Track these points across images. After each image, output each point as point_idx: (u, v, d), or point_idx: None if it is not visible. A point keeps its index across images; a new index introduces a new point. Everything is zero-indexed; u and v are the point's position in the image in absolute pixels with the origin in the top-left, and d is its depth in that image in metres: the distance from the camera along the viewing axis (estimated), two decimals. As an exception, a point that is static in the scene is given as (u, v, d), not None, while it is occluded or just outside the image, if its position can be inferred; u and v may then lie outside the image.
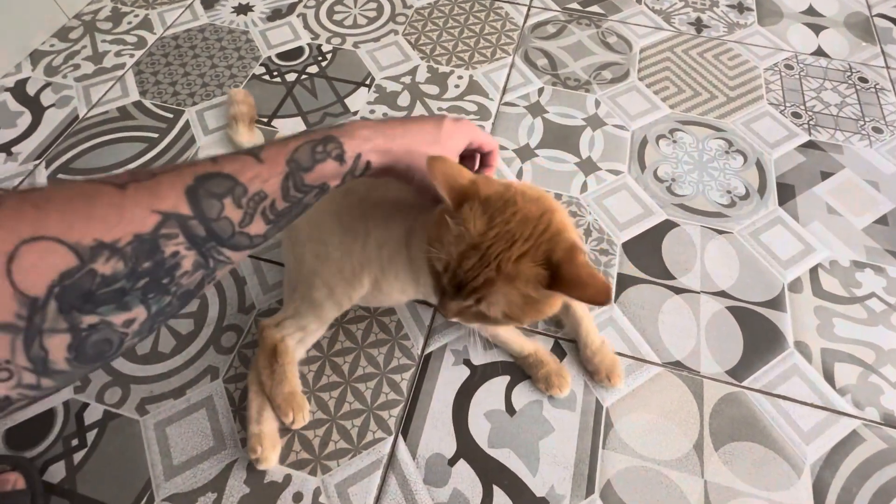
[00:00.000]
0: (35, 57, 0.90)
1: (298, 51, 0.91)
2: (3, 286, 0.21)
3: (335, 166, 0.33)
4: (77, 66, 0.89)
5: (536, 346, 0.58)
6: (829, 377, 0.58)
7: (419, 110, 0.82)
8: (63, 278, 0.22)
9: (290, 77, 0.87)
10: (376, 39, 0.93)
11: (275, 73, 0.88)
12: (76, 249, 0.22)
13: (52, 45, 0.92)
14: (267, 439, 0.52)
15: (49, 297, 0.22)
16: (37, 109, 0.83)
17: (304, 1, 1.00)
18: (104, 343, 0.24)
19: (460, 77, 0.87)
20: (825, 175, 0.76)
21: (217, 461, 0.53)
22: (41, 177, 0.75)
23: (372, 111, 0.82)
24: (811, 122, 0.82)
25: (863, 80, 0.87)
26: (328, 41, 0.93)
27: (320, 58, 0.90)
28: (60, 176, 0.75)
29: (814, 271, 0.66)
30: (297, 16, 0.97)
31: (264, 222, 0.30)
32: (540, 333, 0.62)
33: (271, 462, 0.52)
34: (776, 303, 0.64)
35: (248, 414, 0.53)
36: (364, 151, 0.35)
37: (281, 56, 0.90)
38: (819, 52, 0.92)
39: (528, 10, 0.99)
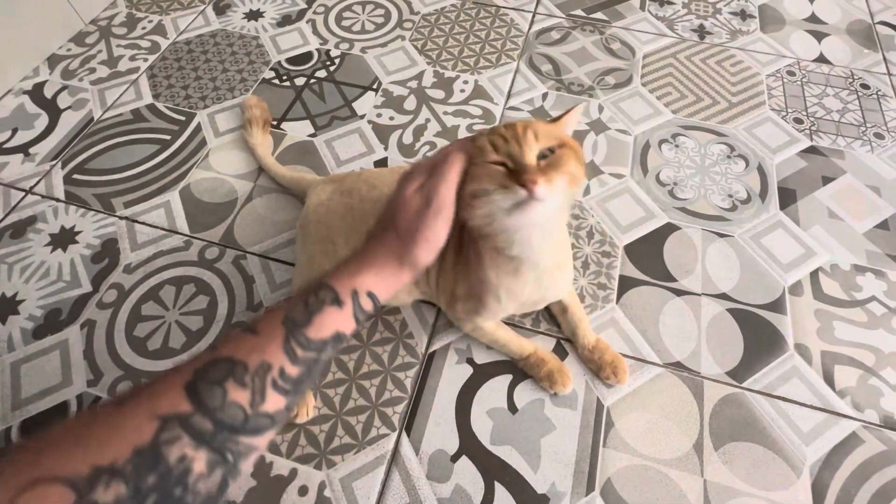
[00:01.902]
0: (52, 61, 0.93)
1: (307, 55, 0.93)
2: None
3: (336, 312, 0.31)
4: (93, 70, 0.91)
5: (536, 346, 0.59)
6: (829, 379, 0.59)
7: (425, 114, 0.84)
8: None
9: (300, 81, 0.89)
10: (383, 45, 0.95)
11: (284, 78, 0.90)
12: (73, 483, 0.21)
13: (68, 50, 0.94)
14: None
15: None
16: (54, 112, 0.85)
17: (313, 7, 1.02)
18: None
19: (466, 82, 0.89)
20: (826, 180, 0.76)
21: (225, 454, 0.55)
22: (57, 177, 0.77)
23: (379, 115, 0.84)
24: (813, 128, 0.82)
25: (864, 86, 0.88)
26: (336, 46, 0.95)
27: (329, 62, 0.92)
28: (76, 177, 0.77)
29: (814, 275, 0.67)
30: (307, 21, 0.99)
31: (281, 395, 0.27)
32: (541, 333, 0.63)
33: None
34: (777, 305, 0.64)
35: None
36: (358, 285, 0.32)
37: (290, 61, 0.92)
38: (821, 59, 0.93)
39: (533, 16, 1.00)
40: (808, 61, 0.92)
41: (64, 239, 0.71)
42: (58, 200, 0.75)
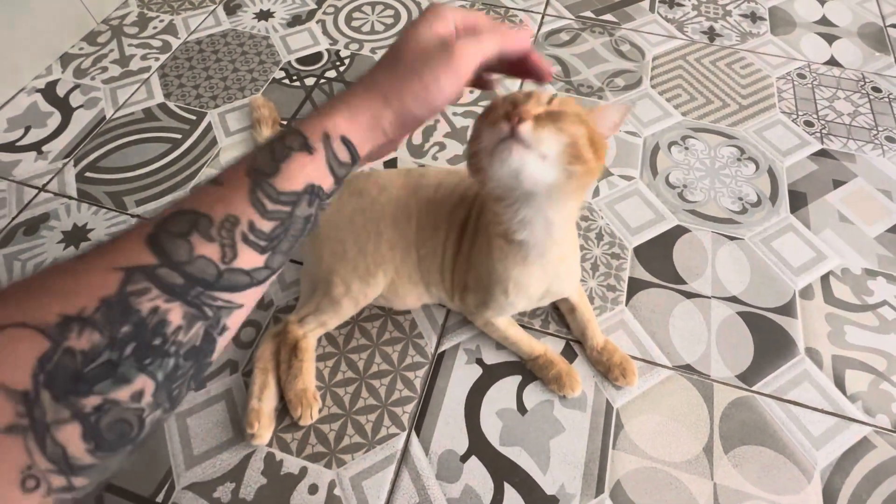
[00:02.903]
0: (65, 60, 0.93)
1: (317, 56, 0.94)
2: None
3: (305, 159, 0.27)
4: (105, 69, 0.92)
5: (546, 348, 0.59)
6: (840, 384, 0.59)
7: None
8: (43, 363, 0.20)
9: (309, 81, 0.90)
10: (393, 45, 0.95)
11: (294, 78, 0.90)
12: (43, 330, 0.20)
13: (81, 49, 0.95)
14: (265, 417, 0.54)
15: (38, 387, 0.20)
16: (66, 110, 0.86)
17: (323, 7, 1.03)
18: (120, 424, 0.22)
19: (475, 83, 0.89)
20: (837, 183, 0.76)
21: (235, 452, 0.55)
22: (69, 175, 0.78)
23: (388, 115, 0.84)
24: (824, 131, 0.82)
25: (876, 89, 0.88)
26: (346, 47, 0.95)
27: (338, 63, 0.92)
28: (88, 175, 0.78)
29: (825, 279, 0.67)
30: (317, 22, 1.00)
31: (256, 251, 0.25)
32: (550, 334, 0.63)
33: (264, 439, 0.54)
34: (787, 309, 0.64)
35: (251, 389, 0.55)
36: (330, 128, 0.27)
37: (300, 61, 0.93)
38: (832, 62, 0.92)
39: (542, 18, 1.00)
40: (818, 64, 0.92)
41: (76, 236, 0.72)
42: (70, 198, 0.76)
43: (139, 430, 0.22)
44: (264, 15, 1.01)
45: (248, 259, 0.25)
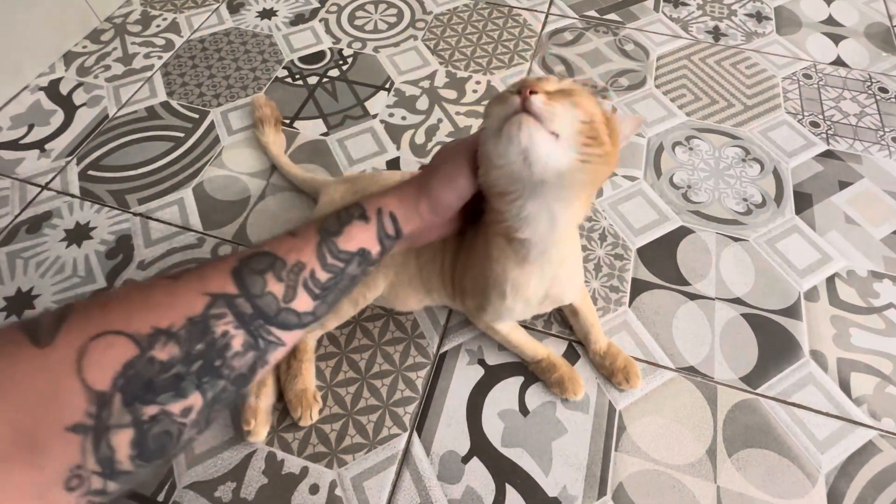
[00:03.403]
0: (68, 58, 0.93)
1: (320, 54, 0.93)
2: (73, 385, 0.21)
3: (362, 226, 0.34)
4: (108, 67, 0.92)
5: (549, 351, 0.59)
6: (846, 387, 0.58)
7: (437, 114, 0.84)
8: (126, 368, 0.22)
9: (312, 80, 0.89)
10: (396, 44, 0.95)
11: (297, 76, 0.90)
12: (135, 338, 0.23)
13: (84, 47, 0.95)
14: (261, 414, 0.54)
15: (114, 390, 0.22)
16: (69, 108, 0.86)
17: (326, 6, 1.02)
18: (165, 436, 0.24)
19: (478, 82, 0.88)
20: (843, 185, 0.75)
21: (237, 451, 0.55)
22: (72, 173, 0.78)
23: (391, 114, 0.84)
24: (829, 132, 0.81)
25: (883, 90, 0.87)
26: (349, 45, 0.95)
27: (341, 61, 0.92)
28: (91, 173, 0.78)
29: (830, 281, 0.66)
30: (320, 21, 1.00)
31: (310, 297, 0.30)
32: (553, 335, 0.62)
33: (261, 436, 0.54)
34: (792, 311, 0.63)
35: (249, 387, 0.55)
36: (383, 205, 0.36)
37: (303, 59, 0.93)
38: (838, 62, 0.91)
39: (546, 17, 1.00)
40: (824, 64, 0.91)
41: (79, 235, 0.72)
42: (73, 196, 0.76)
43: (175, 445, 0.25)
44: (267, 13, 1.01)
45: (303, 303, 0.29)
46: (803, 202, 0.73)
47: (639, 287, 0.66)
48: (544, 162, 0.33)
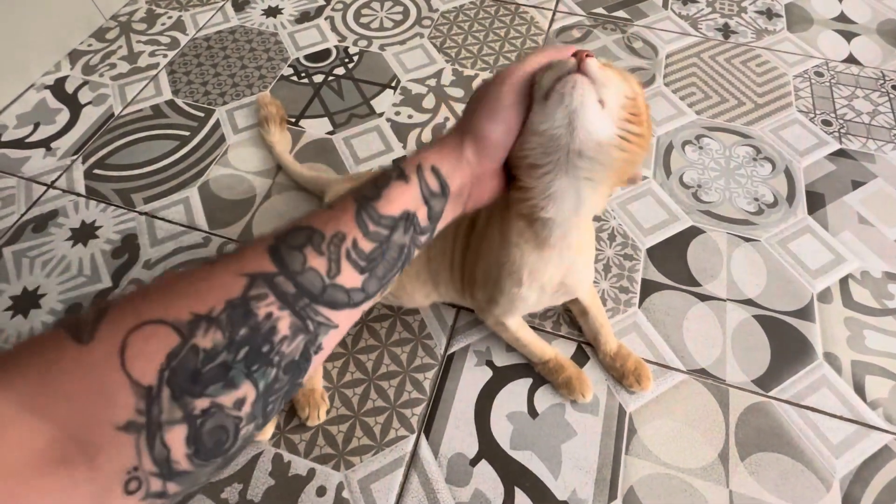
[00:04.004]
0: (74, 56, 0.93)
1: (326, 52, 0.93)
2: (120, 381, 0.20)
3: (402, 186, 0.31)
4: (113, 66, 0.92)
5: (556, 352, 0.58)
6: (860, 390, 0.57)
7: (444, 113, 0.83)
8: (170, 359, 0.21)
9: (318, 78, 0.89)
10: (402, 42, 0.94)
11: (302, 75, 0.89)
12: (176, 326, 0.22)
13: (89, 45, 0.95)
14: None
15: (161, 384, 0.21)
16: (74, 107, 0.86)
17: (331, 4, 1.02)
18: (220, 431, 0.22)
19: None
20: (856, 184, 0.74)
21: (243, 452, 0.54)
22: (78, 172, 0.78)
23: (397, 113, 0.83)
24: (842, 131, 0.80)
25: (896, 88, 0.86)
26: (355, 43, 0.94)
27: (347, 60, 0.92)
28: (97, 172, 0.78)
29: (844, 282, 0.65)
30: (325, 18, 0.99)
31: (356, 270, 0.27)
32: (562, 337, 0.62)
33: (266, 435, 0.55)
34: (805, 313, 0.63)
35: None
36: (422, 160, 0.32)
37: (309, 58, 0.92)
38: (850, 60, 0.90)
39: (553, 14, 0.99)
40: (836, 62, 0.90)
41: (85, 234, 0.71)
42: (79, 195, 0.75)
43: (233, 441, 0.23)
44: (272, 11, 1.01)
45: (349, 277, 0.27)
46: (816, 202, 0.72)
47: (649, 288, 0.65)
48: (588, 129, 0.34)
